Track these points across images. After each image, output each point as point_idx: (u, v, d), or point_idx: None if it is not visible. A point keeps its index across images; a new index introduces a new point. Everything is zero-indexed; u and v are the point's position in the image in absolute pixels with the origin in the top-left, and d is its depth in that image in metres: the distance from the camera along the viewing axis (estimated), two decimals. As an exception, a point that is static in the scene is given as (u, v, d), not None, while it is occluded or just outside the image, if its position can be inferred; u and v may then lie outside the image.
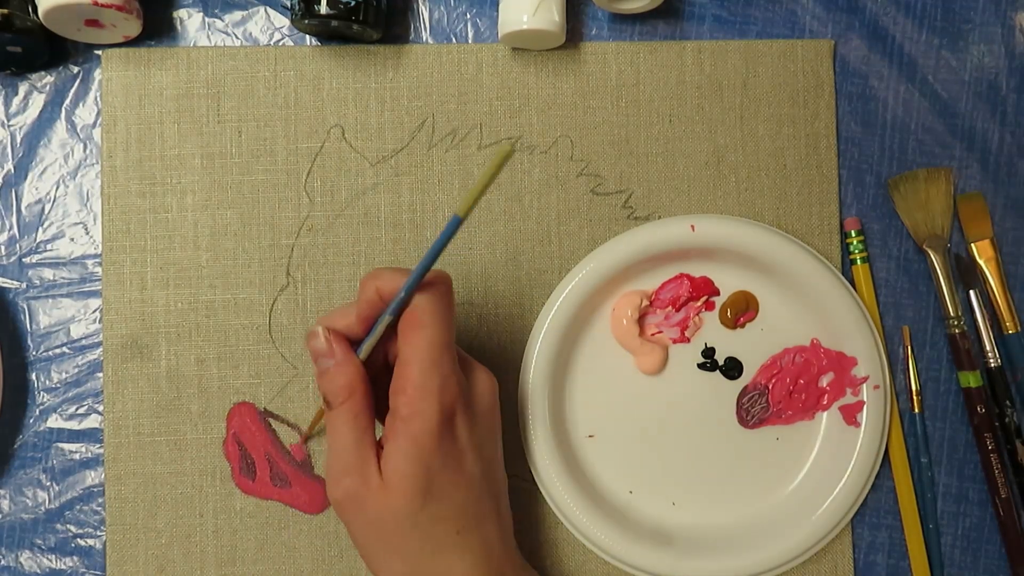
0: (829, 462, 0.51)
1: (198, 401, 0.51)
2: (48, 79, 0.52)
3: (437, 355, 0.42)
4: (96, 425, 0.51)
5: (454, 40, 0.53)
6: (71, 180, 0.52)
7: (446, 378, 0.42)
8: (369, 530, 0.43)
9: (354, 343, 0.44)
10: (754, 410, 0.52)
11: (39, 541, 0.51)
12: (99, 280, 0.52)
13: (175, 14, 0.53)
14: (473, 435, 0.44)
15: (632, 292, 0.51)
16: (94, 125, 0.52)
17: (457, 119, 0.52)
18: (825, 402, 0.52)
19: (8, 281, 0.52)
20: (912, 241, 0.53)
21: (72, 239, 0.52)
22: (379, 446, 0.43)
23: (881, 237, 0.53)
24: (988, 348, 0.52)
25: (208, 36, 0.53)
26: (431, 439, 0.42)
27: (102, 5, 0.47)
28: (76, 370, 0.52)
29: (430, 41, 0.53)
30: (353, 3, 0.48)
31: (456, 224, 0.39)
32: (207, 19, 0.53)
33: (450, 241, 0.40)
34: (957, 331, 0.52)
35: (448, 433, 0.43)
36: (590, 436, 0.52)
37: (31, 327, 0.52)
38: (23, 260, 0.52)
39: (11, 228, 0.52)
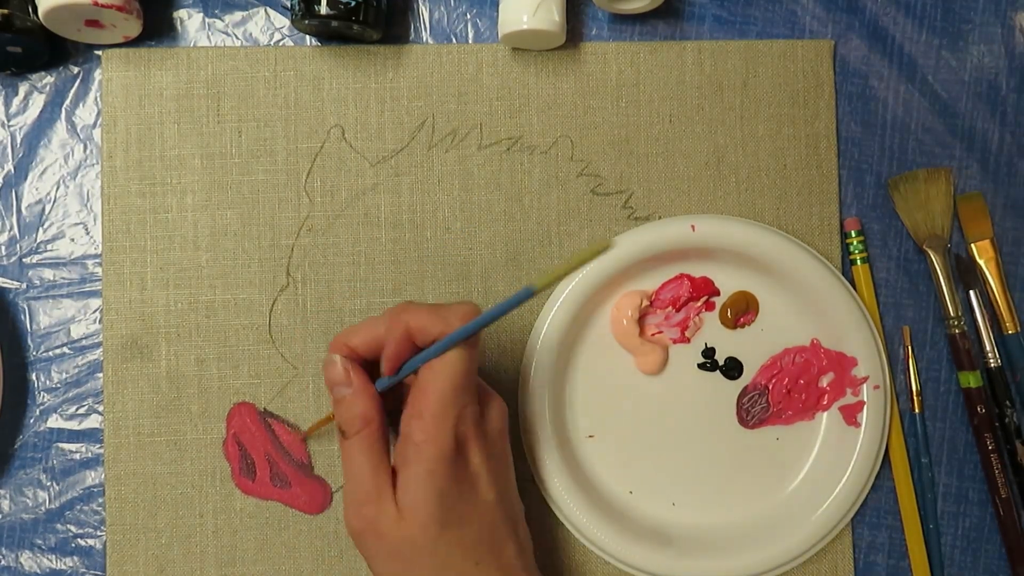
0: (829, 462, 0.51)
1: (198, 401, 0.51)
2: (48, 79, 0.52)
3: (460, 385, 0.42)
4: (96, 425, 0.51)
5: (454, 40, 0.53)
6: (71, 180, 0.52)
7: (464, 407, 0.42)
8: (389, 560, 0.42)
9: (368, 363, 0.44)
10: (754, 410, 0.52)
11: (39, 541, 0.51)
12: (99, 280, 0.52)
13: (175, 14, 0.53)
14: (487, 462, 0.43)
15: (632, 292, 0.51)
16: (94, 125, 0.52)
17: (457, 119, 0.52)
18: (825, 402, 0.52)
19: (8, 281, 0.52)
20: (912, 241, 0.53)
21: (72, 239, 0.52)
22: (393, 472, 0.43)
23: (881, 237, 0.53)
24: (988, 348, 0.52)
25: (208, 36, 0.53)
26: (445, 466, 0.41)
27: (102, 5, 0.47)
28: (76, 370, 0.52)
29: (430, 41, 0.53)
30: (353, 3, 0.48)
31: (527, 296, 0.40)
32: (207, 19, 0.53)
33: (513, 309, 0.41)
34: (957, 331, 0.52)
35: (461, 460, 0.42)
36: (590, 436, 0.52)
37: (31, 327, 0.52)
38: (23, 260, 0.52)
39: (11, 228, 0.52)
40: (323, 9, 0.48)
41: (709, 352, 0.52)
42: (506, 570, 0.44)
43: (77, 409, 0.51)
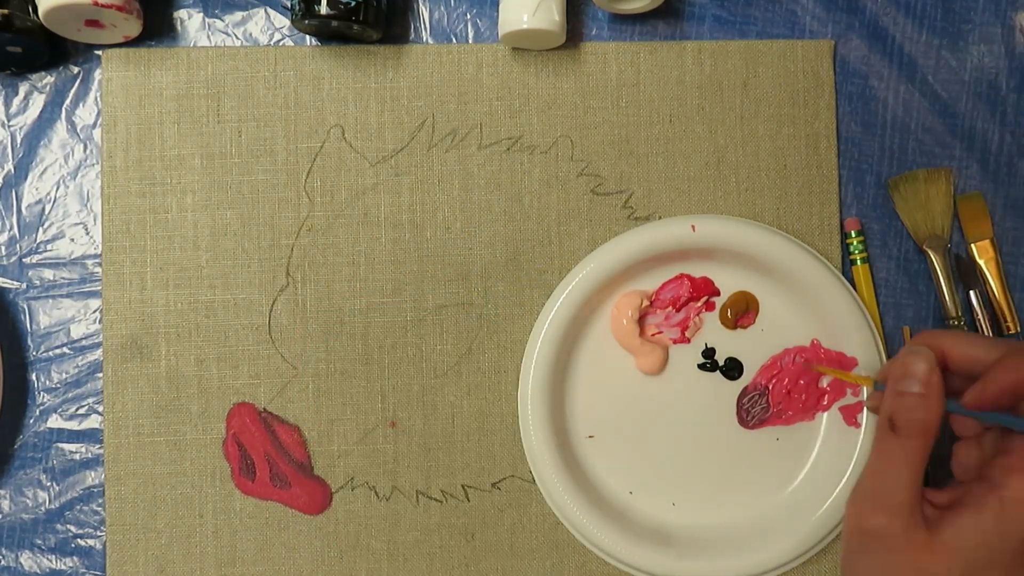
0: (829, 462, 0.51)
1: (198, 401, 0.51)
2: (48, 79, 0.52)
3: None
4: (96, 425, 0.51)
5: (454, 40, 0.53)
6: (71, 180, 0.52)
7: None
8: (875, 571, 0.40)
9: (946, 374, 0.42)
10: (754, 410, 0.52)
11: (39, 541, 0.51)
12: (99, 280, 0.52)
13: (175, 14, 0.53)
14: None
15: (632, 292, 0.51)
16: (94, 125, 0.52)
17: (457, 119, 0.52)
18: (825, 402, 0.52)
19: (8, 281, 0.52)
20: (912, 241, 0.53)
21: (72, 239, 0.52)
22: (928, 497, 0.40)
23: (881, 237, 0.53)
24: (988, 348, 0.52)
25: (208, 36, 0.53)
26: (1016, 536, 0.38)
27: (102, 5, 0.47)
28: (76, 370, 0.52)
29: (430, 41, 0.53)
30: (353, 3, 0.48)
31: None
32: (207, 19, 0.53)
33: None
34: (957, 331, 0.52)
35: None
36: (590, 436, 0.52)
37: (31, 327, 0.52)
38: (23, 260, 0.52)
39: (11, 228, 0.52)
40: (323, 9, 0.48)
41: (709, 352, 0.52)
42: None
43: (77, 409, 0.51)
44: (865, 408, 0.51)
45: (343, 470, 0.51)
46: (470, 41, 0.53)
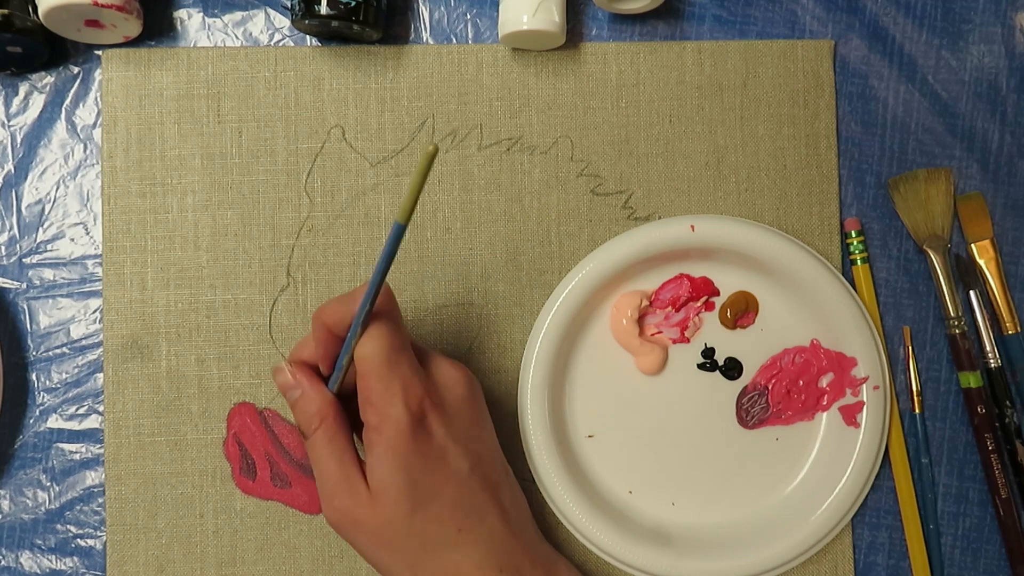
0: (829, 462, 0.51)
1: (198, 401, 0.51)
2: (48, 79, 0.52)
3: (392, 359, 0.42)
4: (96, 425, 0.51)
5: (454, 40, 0.53)
6: (71, 180, 0.52)
7: (407, 379, 0.42)
8: (372, 544, 0.43)
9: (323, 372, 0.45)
10: (754, 410, 0.52)
11: (39, 541, 0.51)
12: (99, 280, 0.52)
13: (175, 14, 0.53)
14: (451, 430, 0.43)
15: (632, 292, 0.51)
16: (94, 125, 0.52)
17: (457, 119, 0.52)
18: (825, 402, 0.52)
19: (8, 281, 0.52)
20: (912, 241, 0.53)
21: (72, 239, 0.52)
22: (363, 463, 0.43)
23: (881, 237, 0.53)
24: (988, 348, 0.52)
25: (208, 36, 0.53)
26: (405, 443, 0.42)
27: (102, 5, 0.47)
28: (76, 370, 0.52)
29: (430, 41, 0.53)
30: (353, 3, 0.48)
31: (400, 232, 0.39)
32: (207, 19, 0.53)
33: (396, 252, 0.40)
34: (957, 331, 0.52)
35: (424, 434, 0.43)
36: (590, 436, 0.52)
37: (31, 327, 0.52)
38: (23, 260, 0.52)
39: (11, 228, 0.52)
40: (323, 9, 0.48)
41: (709, 352, 0.52)
42: (492, 535, 0.44)
43: (77, 409, 0.51)
44: (864, 408, 0.51)
45: (343, 470, 0.51)
46: (470, 41, 0.53)
